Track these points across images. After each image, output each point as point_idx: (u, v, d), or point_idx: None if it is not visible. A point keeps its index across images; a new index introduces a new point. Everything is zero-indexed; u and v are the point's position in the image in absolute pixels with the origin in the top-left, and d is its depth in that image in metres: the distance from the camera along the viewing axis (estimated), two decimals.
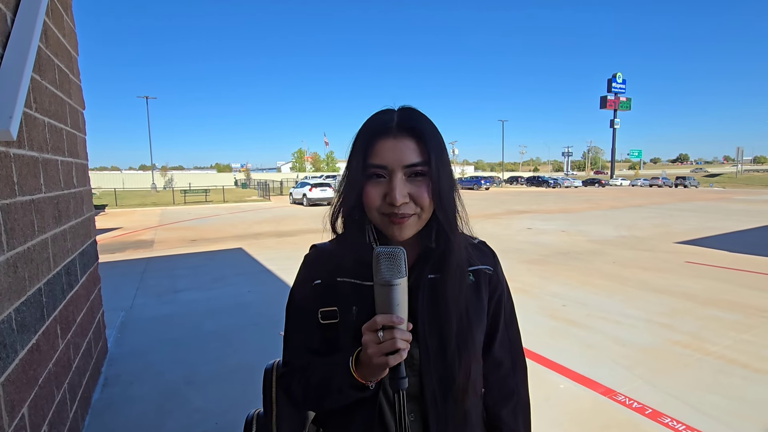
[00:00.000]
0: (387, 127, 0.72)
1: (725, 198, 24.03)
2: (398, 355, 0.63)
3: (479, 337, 0.81)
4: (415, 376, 0.75)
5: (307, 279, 0.81)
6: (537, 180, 46.73)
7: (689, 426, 2.46)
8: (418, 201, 0.71)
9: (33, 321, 1.70)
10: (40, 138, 1.98)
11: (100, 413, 2.69)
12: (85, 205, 2.93)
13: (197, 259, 7.84)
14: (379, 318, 0.64)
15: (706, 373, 3.13)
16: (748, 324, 4.10)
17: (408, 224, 0.72)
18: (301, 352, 0.81)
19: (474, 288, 0.81)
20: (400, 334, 0.63)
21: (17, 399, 1.49)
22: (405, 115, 0.73)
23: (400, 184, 0.69)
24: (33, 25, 1.79)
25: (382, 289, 0.64)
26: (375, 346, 0.64)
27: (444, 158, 0.73)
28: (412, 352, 0.74)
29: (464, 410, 0.77)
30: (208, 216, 16.42)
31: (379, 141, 0.71)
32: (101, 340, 3.29)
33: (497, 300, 0.84)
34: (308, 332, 0.80)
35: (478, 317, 0.80)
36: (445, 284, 0.76)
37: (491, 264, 0.85)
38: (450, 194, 0.74)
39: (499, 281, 0.85)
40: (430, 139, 0.72)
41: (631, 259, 7.19)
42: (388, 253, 0.64)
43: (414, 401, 0.75)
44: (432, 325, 0.75)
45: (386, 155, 0.70)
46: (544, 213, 15.76)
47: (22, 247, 1.64)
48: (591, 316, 4.39)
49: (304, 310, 0.80)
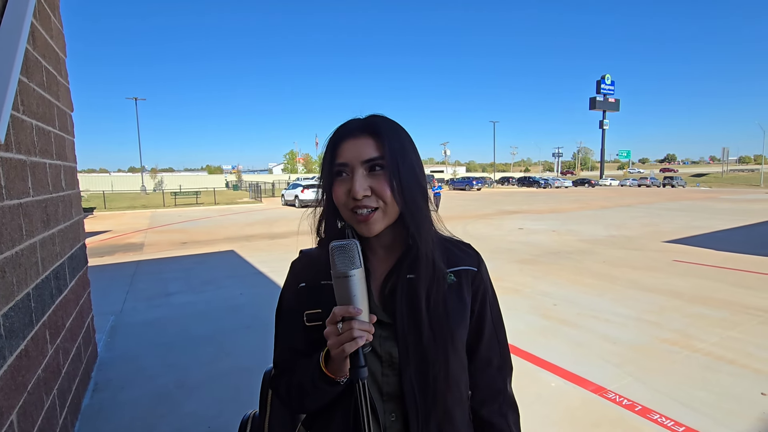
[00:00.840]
0: (350, 129, 0.77)
1: (711, 197, 24.45)
2: (353, 343, 0.65)
3: (461, 336, 0.81)
4: (395, 376, 0.76)
5: (293, 283, 0.84)
6: (528, 180, 47.09)
7: (678, 422, 2.50)
8: (380, 194, 0.74)
9: (21, 326, 1.68)
10: (28, 141, 1.96)
11: (90, 419, 2.66)
12: (74, 209, 2.89)
13: (188, 261, 7.78)
14: (337, 309, 0.66)
15: (694, 369, 3.19)
16: (734, 321, 4.18)
17: (374, 219, 0.74)
18: (289, 354, 0.82)
19: (455, 287, 0.82)
20: (358, 324, 0.65)
21: (6, 405, 1.47)
22: (368, 119, 0.78)
23: (360, 178, 0.73)
24: (20, 26, 1.77)
25: (338, 281, 0.66)
26: (334, 338, 0.66)
27: (406, 155, 0.76)
28: (390, 351, 0.76)
29: (445, 409, 0.77)
30: (198, 218, 16.29)
31: (342, 143, 0.76)
32: (91, 345, 3.25)
33: (481, 299, 0.85)
34: (295, 335, 0.81)
35: (460, 316, 0.81)
36: (419, 283, 0.77)
37: (474, 264, 0.86)
38: (413, 188, 0.76)
39: (482, 280, 0.86)
40: (387, 135, 0.75)
41: (621, 258, 7.29)
42: (341, 246, 0.66)
43: (394, 401, 0.76)
44: (410, 324, 0.76)
45: (347, 153, 0.75)
46: (535, 213, 15.89)
47: (9, 252, 1.62)
48: (581, 314, 4.44)
49: (290, 313, 0.83)
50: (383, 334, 0.76)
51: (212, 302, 5.17)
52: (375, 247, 0.82)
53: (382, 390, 0.77)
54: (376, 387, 0.76)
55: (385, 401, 0.77)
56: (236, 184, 48.57)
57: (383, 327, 0.77)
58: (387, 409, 0.76)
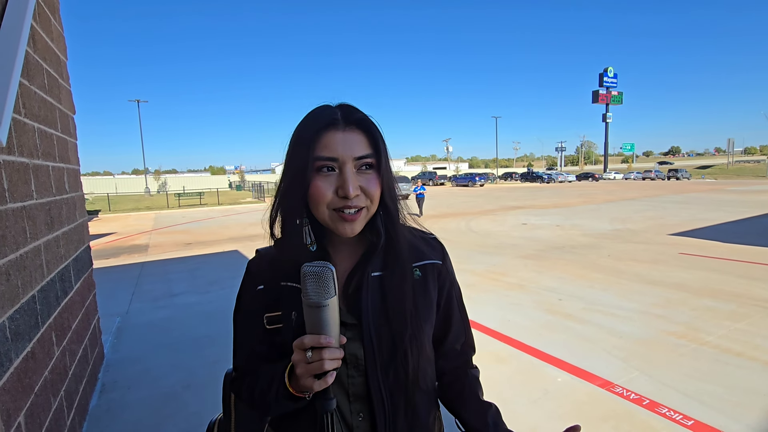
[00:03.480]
0: (333, 120, 0.71)
1: (717, 189, 24.27)
2: (323, 381, 0.62)
3: (428, 332, 0.80)
4: (361, 376, 0.74)
5: (251, 284, 0.80)
6: (531, 175, 46.88)
7: (686, 415, 2.48)
8: (368, 194, 0.71)
9: (27, 329, 1.69)
10: (30, 144, 1.96)
11: (97, 420, 2.67)
12: (78, 211, 2.90)
13: (193, 262, 7.80)
14: (307, 339, 0.62)
15: (702, 362, 3.16)
16: (742, 313, 4.15)
17: (359, 219, 0.71)
18: (250, 358, 0.79)
19: (421, 283, 0.80)
20: (329, 354, 0.61)
21: (13, 408, 1.48)
22: (349, 109, 0.73)
23: (351, 175, 0.69)
24: (20, 29, 1.77)
25: (310, 310, 0.61)
26: (303, 366, 0.63)
27: (387, 154, 0.75)
28: (356, 352, 0.74)
29: (413, 406, 0.76)
30: (202, 219, 16.34)
31: (326, 134, 0.70)
32: (97, 346, 3.26)
33: (447, 292, 0.85)
34: (255, 337, 0.78)
35: (427, 312, 0.80)
36: (391, 280, 0.75)
37: (439, 258, 0.84)
38: (394, 188, 0.76)
39: (447, 272, 0.85)
40: (377, 133, 0.73)
41: (626, 252, 7.25)
42: (315, 273, 0.61)
43: (360, 401, 0.75)
44: (379, 323, 0.74)
45: (336, 147, 0.69)
46: (538, 208, 15.83)
47: (14, 255, 1.62)
48: (587, 309, 4.42)
49: (249, 314, 0.79)
50: (348, 334, 0.72)
51: (217, 302, 5.18)
52: (337, 244, 0.78)
53: (348, 391, 0.74)
54: (342, 389, 0.74)
55: (351, 402, 0.75)
56: (239, 184, 48.68)
57: (347, 328, 0.73)
58: (354, 410, 0.75)
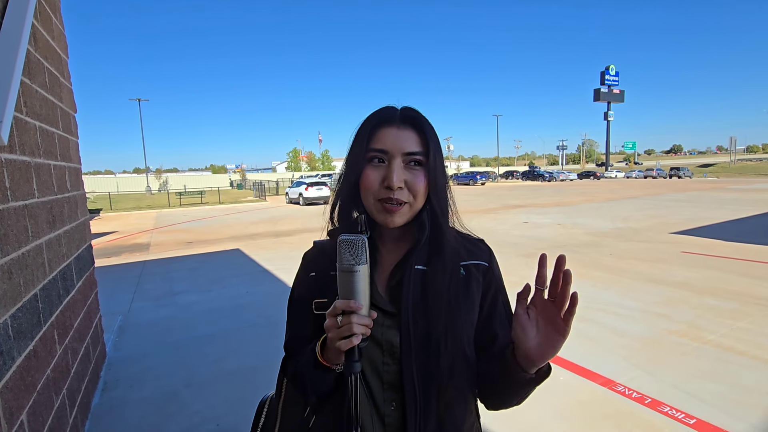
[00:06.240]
0: (391, 117, 0.77)
1: (719, 187, 24.20)
2: (348, 341, 0.65)
3: (467, 331, 0.80)
4: (395, 364, 0.76)
5: (304, 272, 0.86)
6: (532, 174, 46.79)
7: (689, 414, 2.48)
8: (413, 189, 0.75)
9: (29, 327, 1.69)
10: (32, 142, 1.96)
11: (100, 418, 2.68)
12: (80, 210, 2.90)
13: (194, 261, 7.81)
14: (338, 303, 0.66)
15: (704, 361, 3.16)
16: (744, 312, 4.14)
17: (401, 212, 0.75)
18: (297, 340, 0.84)
19: (464, 282, 0.81)
20: (357, 319, 0.65)
21: (15, 406, 1.48)
22: (408, 110, 0.79)
23: (398, 168, 0.74)
24: (21, 27, 1.76)
25: (342, 275, 0.66)
26: (334, 330, 0.66)
27: (440, 155, 0.79)
28: (392, 339, 0.76)
29: (447, 403, 0.76)
30: (204, 218, 16.36)
31: (381, 129, 0.76)
32: (99, 345, 3.27)
33: (493, 294, 0.84)
34: (303, 322, 0.83)
35: (467, 311, 0.80)
36: (434, 276, 0.77)
37: (486, 260, 0.85)
38: (444, 188, 0.79)
39: (494, 275, 0.85)
40: (429, 133, 0.77)
41: (628, 251, 7.24)
42: (349, 240, 0.66)
43: (394, 390, 0.76)
44: (417, 315, 0.76)
45: (387, 141, 0.75)
46: (540, 207, 15.81)
47: (16, 253, 1.62)
48: (589, 308, 4.41)
49: (300, 300, 0.84)
50: (386, 323, 0.76)
51: (218, 301, 5.19)
52: (385, 238, 0.83)
53: (382, 378, 0.76)
54: (376, 375, 0.76)
55: (385, 390, 0.76)
56: (240, 183, 48.69)
57: (387, 316, 0.76)
58: (387, 398, 0.76)
